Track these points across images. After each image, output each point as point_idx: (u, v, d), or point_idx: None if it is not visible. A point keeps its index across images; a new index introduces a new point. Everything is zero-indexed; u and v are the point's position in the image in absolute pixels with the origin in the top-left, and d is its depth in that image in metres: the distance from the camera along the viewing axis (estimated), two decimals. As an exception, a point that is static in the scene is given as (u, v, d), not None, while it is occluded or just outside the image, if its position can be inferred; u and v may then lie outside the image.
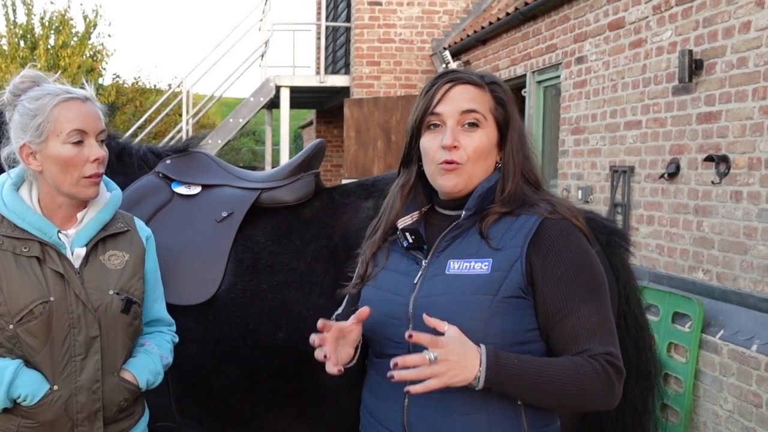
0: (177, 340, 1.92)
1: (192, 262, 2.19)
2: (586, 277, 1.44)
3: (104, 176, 1.80)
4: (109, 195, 1.78)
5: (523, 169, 1.54)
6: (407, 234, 1.54)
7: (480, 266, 1.45)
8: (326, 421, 2.19)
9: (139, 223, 1.85)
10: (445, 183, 1.51)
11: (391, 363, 1.31)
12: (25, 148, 1.65)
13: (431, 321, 1.35)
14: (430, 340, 1.30)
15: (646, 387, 2.23)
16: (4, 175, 1.73)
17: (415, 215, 1.59)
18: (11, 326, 1.60)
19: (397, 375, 1.30)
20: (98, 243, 1.72)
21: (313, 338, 1.42)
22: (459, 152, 1.48)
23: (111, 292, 1.68)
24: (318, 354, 1.42)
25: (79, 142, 1.64)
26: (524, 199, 1.51)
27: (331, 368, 1.39)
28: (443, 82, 1.53)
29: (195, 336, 2.16)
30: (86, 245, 1.70)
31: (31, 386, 1.59)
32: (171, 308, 2.06)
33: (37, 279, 1.62)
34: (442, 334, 1.35)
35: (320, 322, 1.43)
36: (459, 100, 1.50)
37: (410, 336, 1.32)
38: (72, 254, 1.68)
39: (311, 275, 2.18)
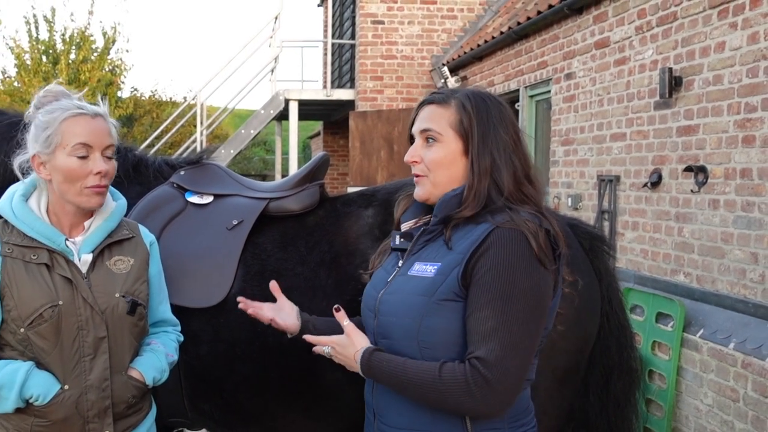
0: (182, 339, 1.92)
1: (204, 268, 2.21)
2: (500, 283, 1.38)
3: (110, 186, 1.81)
4: (115, 204, 1.78)
5: (492, 175, 1.51)
6: (398, 236, 1.62)
7: (430, 269, 1.48)
8: (331, 414, 2.21)
9: (143, 230, 1.85)
10: (416, 192, 1.61)
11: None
12: (36, 158, 1.67)
13: (338, 315, 1.59)
14: (319, 340, 1.61)
15: (628, 382, 2.25)
16: (14, 185, 1.75)
17: (414, 220, 1.65)
18: (22, 330, 1.60)
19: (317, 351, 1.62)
20: (104, 249, 1.72)
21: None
22: (420, 166, 1.58)
23: (117, 295, 1.68)
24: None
25: (84, 156, 1.65)
26: (490, 207, 1.49)
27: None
28: (420, 104, 1.64)
29: (207, 337, 2.19)
30: (93, 252, 1.70)
31: (43, 386, 1.59)
32: (184, 310, 2.09)
33: (46, 284, 1.62)
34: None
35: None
36: (421, 120, 1.60)
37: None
38: (79, 260, 1.68)
39: (315, 280, 2.19)
